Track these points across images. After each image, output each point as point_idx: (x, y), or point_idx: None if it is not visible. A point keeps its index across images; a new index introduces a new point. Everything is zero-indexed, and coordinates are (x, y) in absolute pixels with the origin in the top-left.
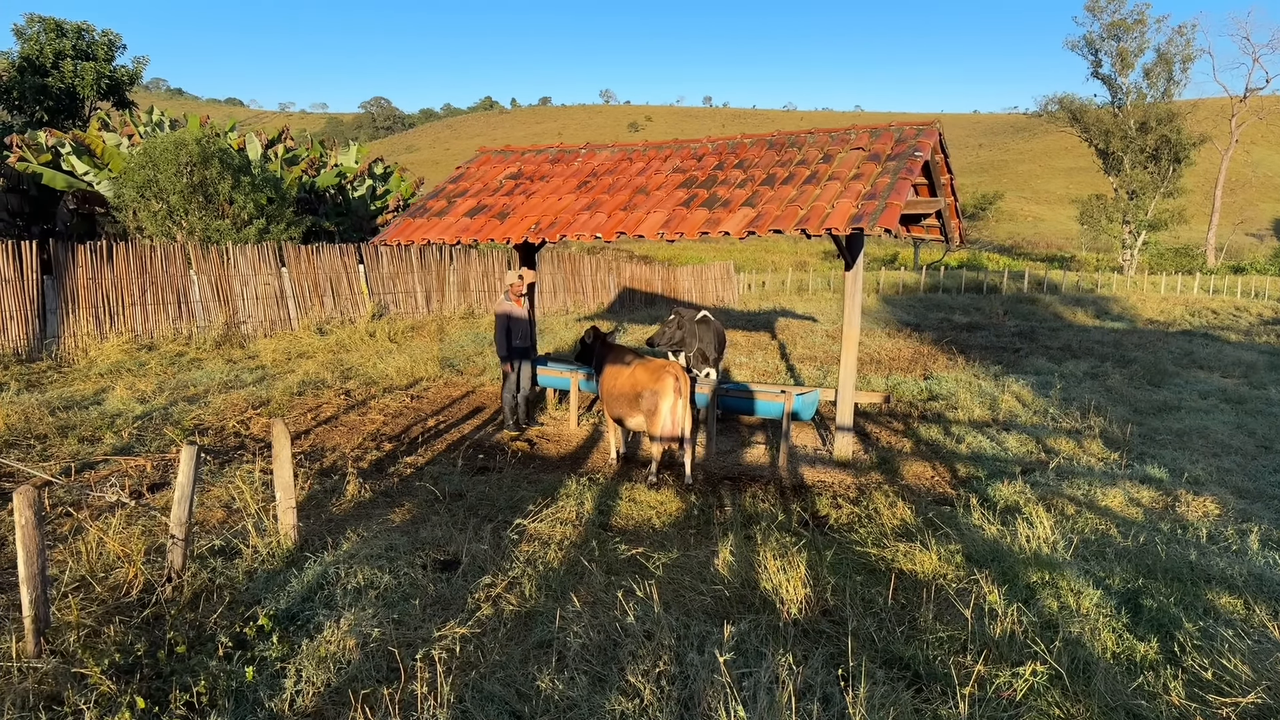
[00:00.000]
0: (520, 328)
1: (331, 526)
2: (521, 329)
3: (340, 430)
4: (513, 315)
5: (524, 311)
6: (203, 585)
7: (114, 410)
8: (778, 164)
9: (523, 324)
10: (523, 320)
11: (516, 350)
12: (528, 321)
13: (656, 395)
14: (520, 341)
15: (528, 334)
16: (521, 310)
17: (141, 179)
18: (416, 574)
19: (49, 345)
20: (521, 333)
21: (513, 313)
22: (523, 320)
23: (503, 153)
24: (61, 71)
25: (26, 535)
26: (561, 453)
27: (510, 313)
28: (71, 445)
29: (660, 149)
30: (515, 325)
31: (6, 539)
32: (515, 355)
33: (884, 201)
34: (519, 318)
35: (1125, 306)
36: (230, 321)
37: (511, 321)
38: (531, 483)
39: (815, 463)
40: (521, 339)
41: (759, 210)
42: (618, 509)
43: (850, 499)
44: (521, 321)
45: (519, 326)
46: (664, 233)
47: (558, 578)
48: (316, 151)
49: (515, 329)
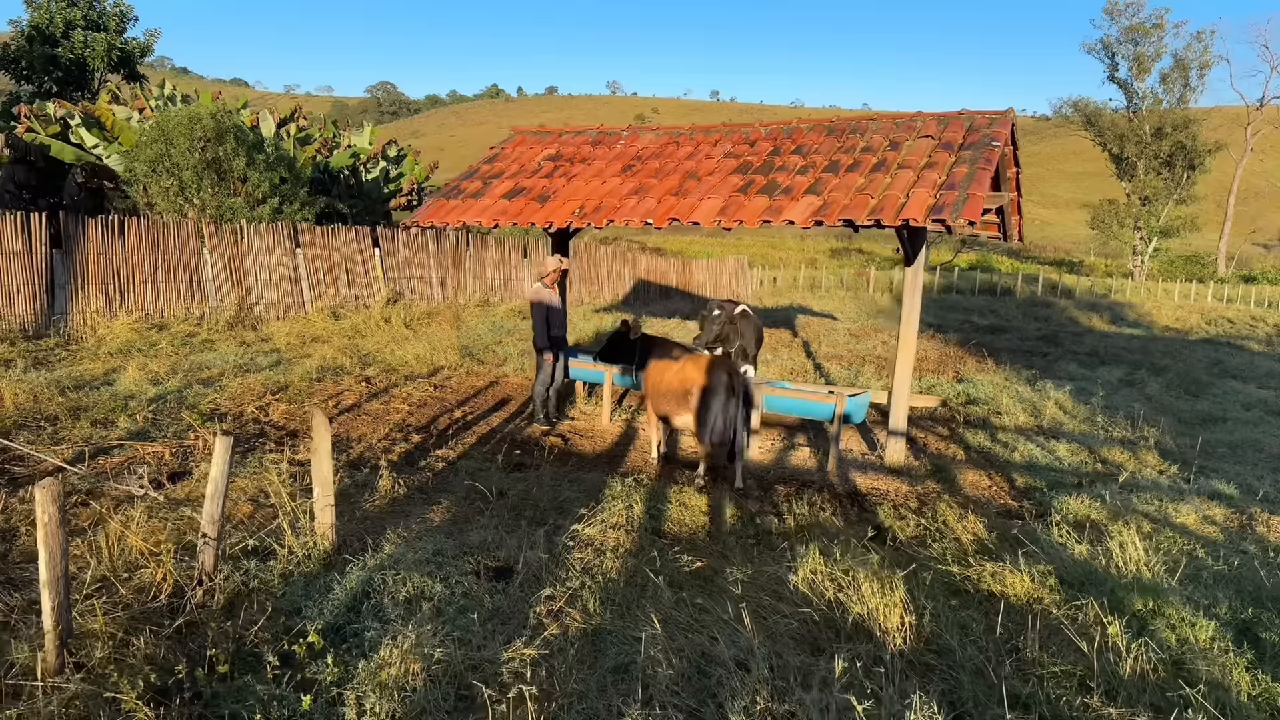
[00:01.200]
0: (557, 316)
1: (368, 525)
2: (559, 318)
3: (365, 420)
4: (551, 304)
5: (559, 300)
6: (236, 589)
7: (126, 392)
8: (840, 150)
9: (559, 313)
10: (559, 309)
11: (554, 339)
12: (562, 311)
13: (708, 393)
14: (557, 331)
15: (563, 323)
16: (557, 299)
17: (154, 153)
18: (469, 583)
19: (57, 321)
20: (558, 322)
21: (551, 301)
22: (559, 309)
23: (539, 133)
24: (72, 42)
25: (49, 534)
26: (597, 450)
27: (548, 301)
28: (84, 428)
29: (709, 132)
30: (553, 314)
31: (17, 530)
32: (554, 344)
33: (964, 192)
34: (556, 307)
35: (1141, 313)
36: (243, 303)
37: (550, 310)
38: (572, 482)
39: (865, 468)
40: (558, 328)
41: (824, 199)
42: (668, 514)
43: (912, 510)
44: (559, 310)
45: (556, 315)
46: (720, 220)
47: (619, 590)
48: (329, 132)
49: (553, 318)
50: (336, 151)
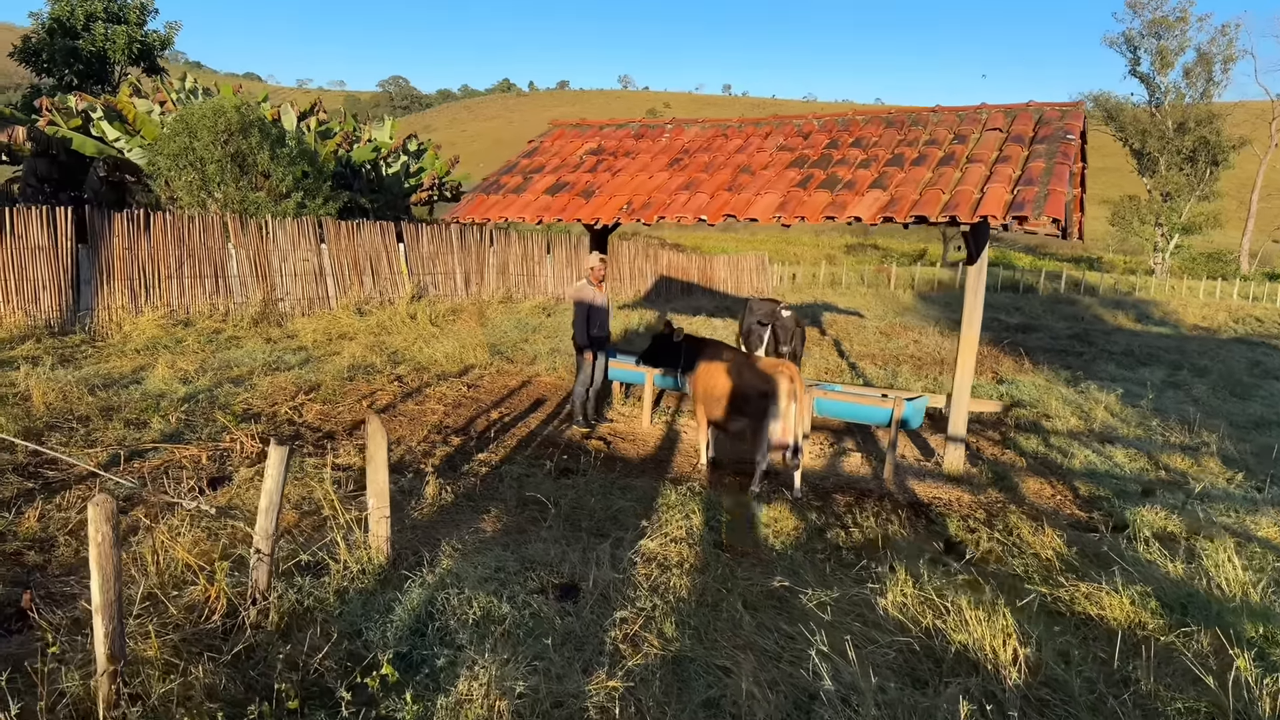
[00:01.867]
0: (599, 315)
1: (419, 535)
2: (600, 317)
3: (401, 421)
4: (594, 303)
5: (603, 298)
6: (291, 608)
7: (156, 390)
8: (902, 143)
9: (601, 312)
10: (602, 308)
11: (595, 340)
12: (607, 309)
13: (768, 399)
14: (598, 330)
15: (605, 322)
16: (601, 297)
17: (177, 146)
18: (536, 602)
19: (82, 318)
20: (600, 321)
21: (594, 300)
22: (602, 308)
23: (579, 126)
24: (92, 34)
25: (103, 555)
26: (641, 454)
27: (590, 299)
28: (117, 430)
29: (758, 125)
30: (595, 313)
31: (55, 540)
32: (594, 345)
33: (1045, 188)
34: (599, 305)
35: (1167, 311)
36: (268, 298)
37: (592, 309)
38: (623, 489)
39: (923, 476)
40: (599, 328)
41: (891, 193)
42: (727, 524)
43: (981, 522)
44: (600, 309)
45: (598, 314)
46: (780, 216)
47: (691, 611)
48: (350, 125)
49: (595, 317)
50: (357, 146)
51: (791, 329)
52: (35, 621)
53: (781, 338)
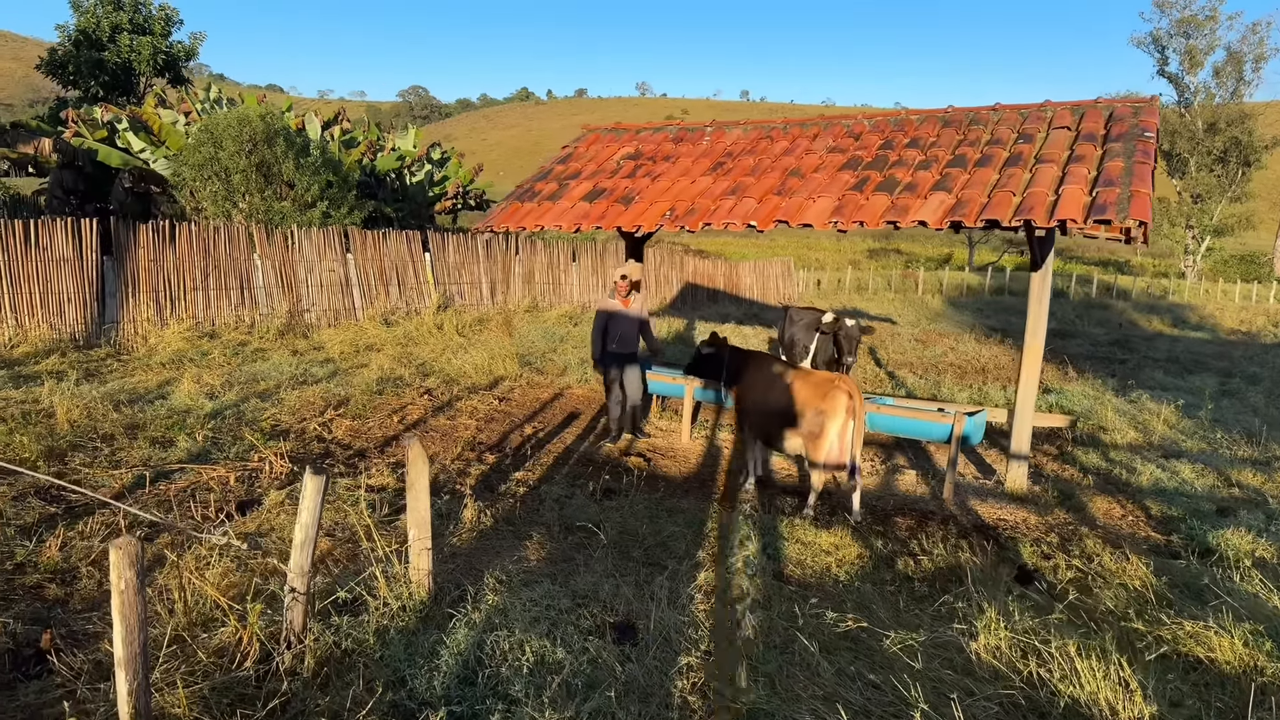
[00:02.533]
0: (621, 328)
1: (458, 565)
2: (622, 330)
3: (433, 437)
4: (614, 314)
5: (631, 310)
6: (328, 652)
7: (182, 406)
8: (964, 143)
9: (626, 324)
10: (627, 320)
11: (613, 356)
12: (635, 322)
13: (824, 415)
14: (617, 346)
15: (631, 337)
16: (626, 309)
17: (202, 156)
18: (593, 646)
19: (107, 330)
20: (621, 335)
21: (615, 311)
22: (627, 320)
23: (614, 130)
24: (118, 45)
25: (127, 604)
26: (683, 471)
27: (612, 310)
28: (142, 449)
29: (805, 126)
30: (614, 325)
31: (78, 571)
32: (611, 360)
33: (1127, 189)
34: (622, 317)
35: (1203, 315)
36: (294, 310)
37: (611, 321)
38: (669, 512)
39: (984, 496)
40: (620, 343)
41: (957, 196)
42: (786, 552)
43: (1055, 547)
44: (624, 321)
45: (618, 326)
46: (837, 222)
47: (759, 654)
48: (374, 134)
49: (614, 329)
50: (381, 155)
51: (857, 339)
52: (55, 665)
53: (846, 348)
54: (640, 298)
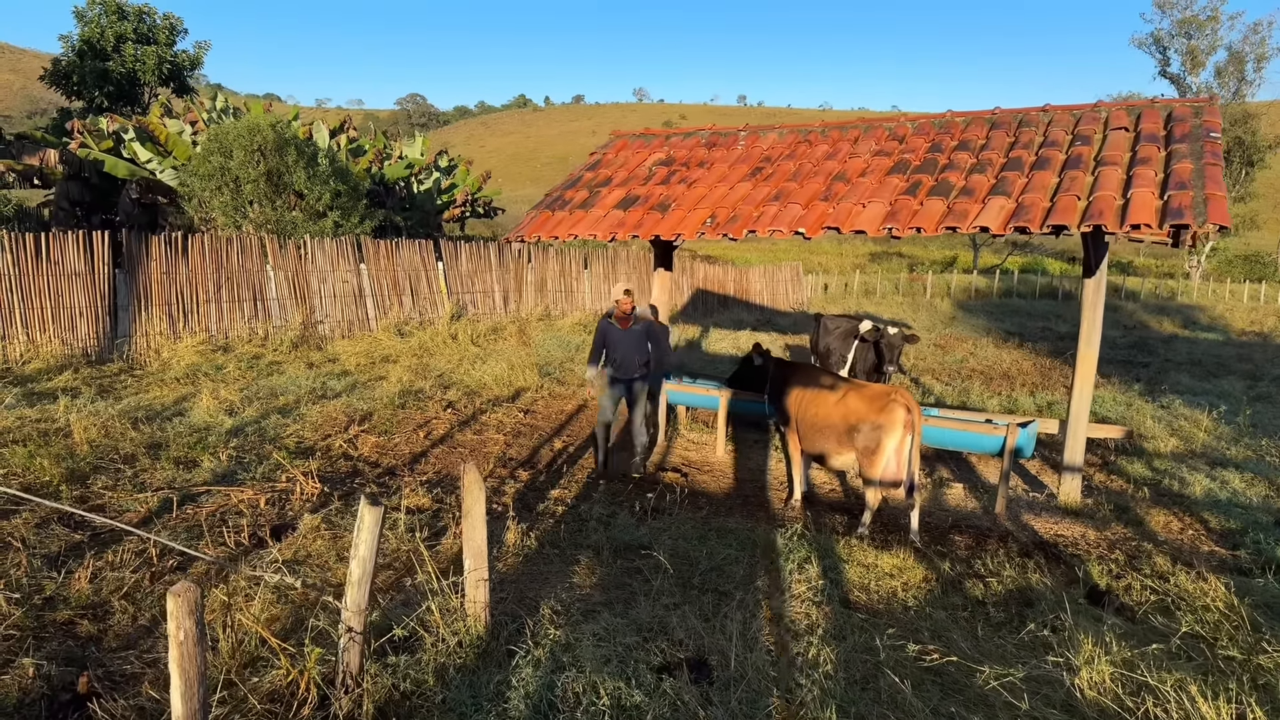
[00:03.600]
0: (619, 351)
1: (509, 593)
2: (621, 354)
3: (461, 454)
4: (610, 334)
5: (632, 332)
6: (386, 694)
7: (201, 423)
8: (1016, 146)
9: (624, 347)
10: (625, 342)
11: (611, 378)
12: (636, 344)
13: (880, 430)
14: (615, 369)
15: (631, 362)
16: (626, 330)
17: (212, 166)
18: (669, 686)
19: (119, 345)
20: (620, 359)
21: (608, 336)
22: (625, 342)
23: (643, 136)
24: (123, 55)
25: (186, 656)
26: (723, 488)
27: (605, 334)
28: (166, 470)
29: (844, 130)
30: (611, 346)
31: (110, 606)
32: (610, 382)
33: (1201, 192)
34: (618, 337)
35: (1214, 316)
36: (307, 321)
37: (607, 339)
38: (718, 533)
39: (1038, 510)
40: (620, 367)
41: (1017, 200)
42: (847, 576)
43: (1122, 565)
44: (622, 343)
45: (615, 349)
46: (891, 227)
47: (840, 690)
48: (381, 142)
49: (611, 351)
50: (389, 163)
51: (899, 348)
52: (96, 713)
53: (888, 356)
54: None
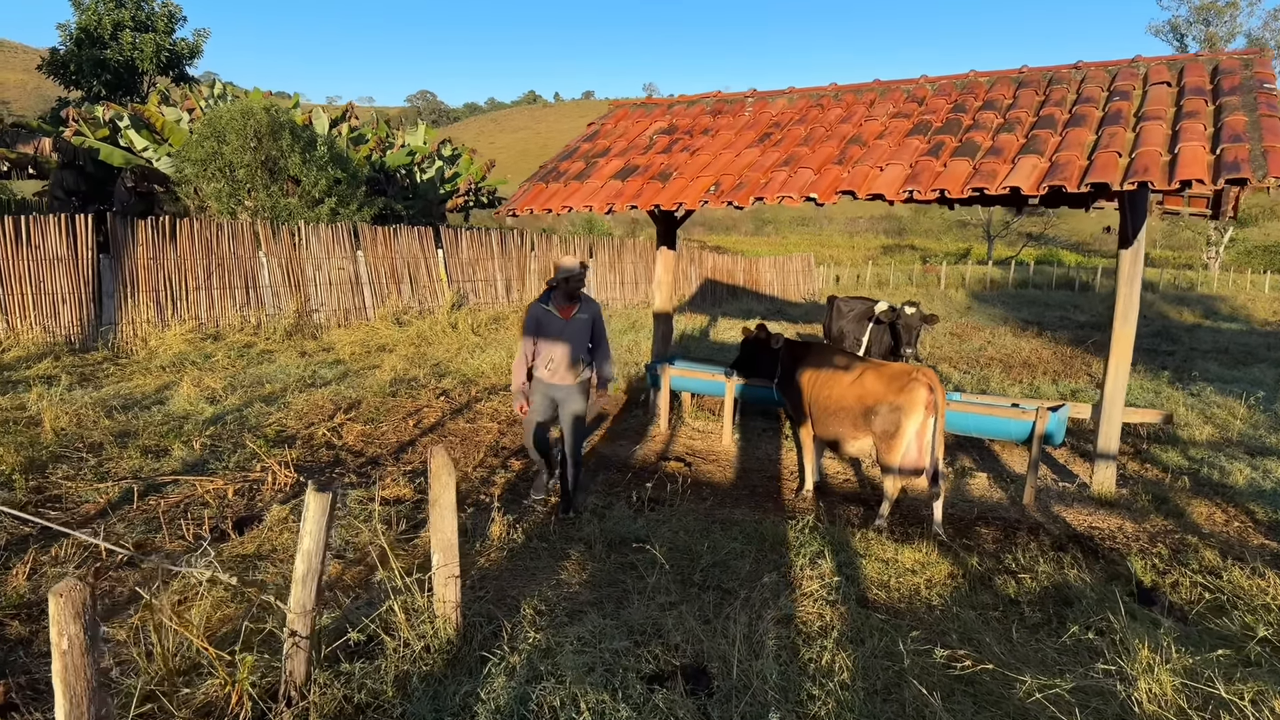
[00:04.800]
0: (554, 349)
1: (489, 591)
2: (556, 352)
3: (452, 442)
4: (547, 323)
5: (576, 322)
6: (337, 708)
7: (180, 412)
8: (1047, 104)
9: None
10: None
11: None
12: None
13: (900, 412)
14: (549, 373)
15: (570, 360)
16: (568, 320)
17: (204, 151)
18: (660, 699)
19: (105, 333)
20: (555, 358)
21: (549, 319)
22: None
23: (644, 105)
24: (120, 43)
25: (71, 669)
26: (728, 478)
27: (543, 317)
28: (133, 459)
29: (859, 93)
30: (546, 341)
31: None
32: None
33: (1259, 144)
34: (558, 329)
35: (1235, 306)
36: (302, 309)
37: (541, 331)
38: (722, 525)
39: (1069, 500)
40: (554, 368)
41: (1050, 159)
42: (865, 572)
43: (1166, 560)
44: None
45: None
46: (912, 190)
47: (864, 706)
48: (383, 131)
49: (545, 347)
50: (391, 151)
51: (917, 329)
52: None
53: (905, 338)
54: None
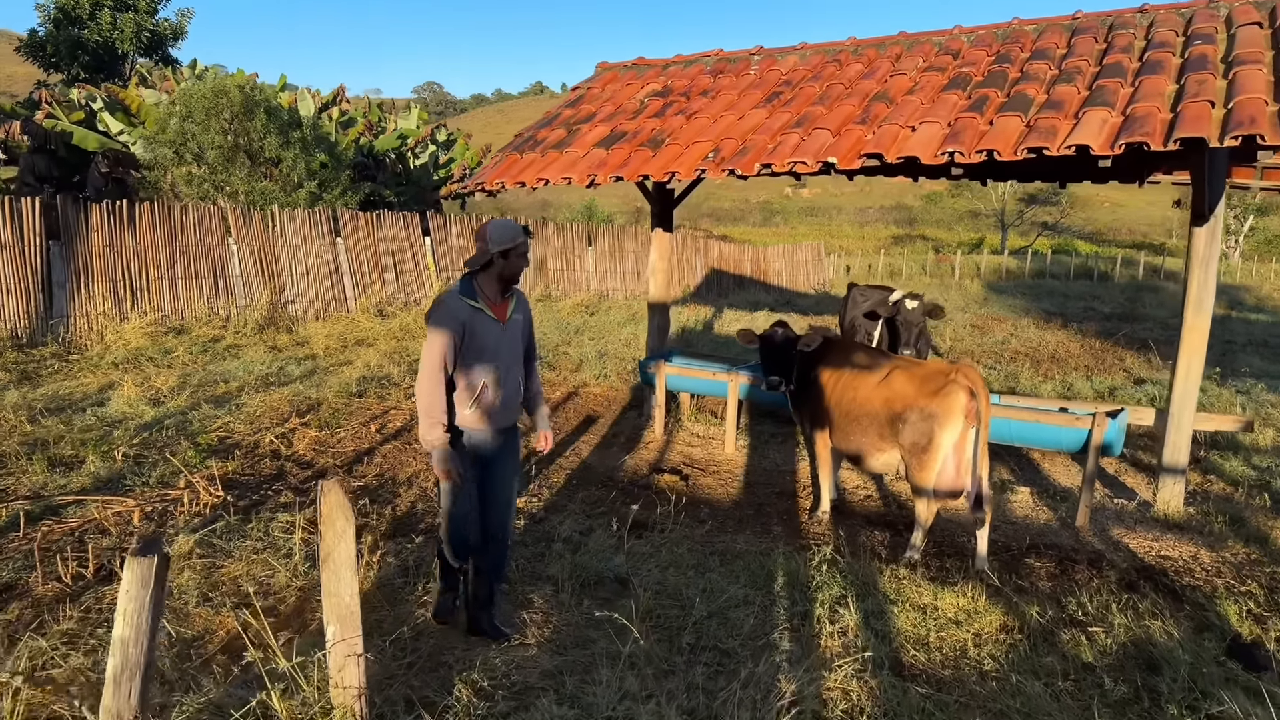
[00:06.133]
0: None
1: (421, 653)
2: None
3: (415, 451)
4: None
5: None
6: None
7: (117, 415)
8: (1114, 51)
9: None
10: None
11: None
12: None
13: (933, 421)
14: (480, 410)
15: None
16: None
17: (173, 132)
18: None
19: (55, 326)
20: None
21: (479, 328)
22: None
23: (635, 66)
24: (99, 23)
25: None
26: (730, 494)
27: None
28: (37, 474)
29: (882, 46)
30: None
31: None
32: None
33: None
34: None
35: (1259, 297)
36: (276, 301)
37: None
38: (722, 558)
39: (1129, 522)
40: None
41: (1124, 112)
42: (898, 625)
43: (1261, 603)
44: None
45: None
46: (953, 151)
47: None
48: (375, 115)
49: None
50: (382, 135)
51: (918, 324)
52: None
53: (903, 337)
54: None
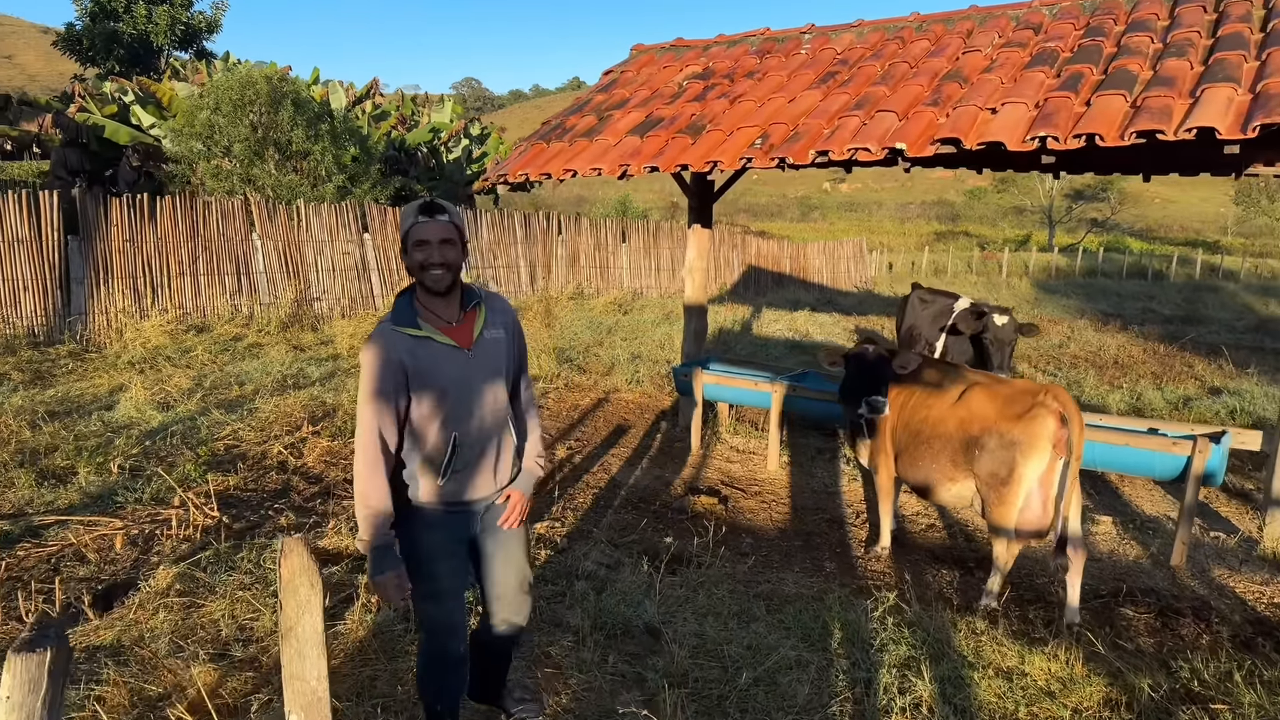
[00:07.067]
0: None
1: None
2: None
3: None
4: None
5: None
6: None
7: (123, 420)
8: (1230, 20)
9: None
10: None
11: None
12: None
13: (1016, 449)
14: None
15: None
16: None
17: (199, 125)
18: None
19: (72, 324)
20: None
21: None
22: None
23: (673, 48)
24: (134, 16)
25: None
26: (775, 520)
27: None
28: (24, 487)
29: (950, 22)
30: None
31: None
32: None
33: None
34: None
35: None
36: (301, 298)
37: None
38: (769, 603)
39: (1230, 560)
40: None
41: (1253, 90)
42: (980, 696)
43: None
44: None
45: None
46: (1046, 136)
47: None
48: (408, 108)
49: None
50: (415, 128)
51: (1011, 344)
52: None
53: (994, 359)
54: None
